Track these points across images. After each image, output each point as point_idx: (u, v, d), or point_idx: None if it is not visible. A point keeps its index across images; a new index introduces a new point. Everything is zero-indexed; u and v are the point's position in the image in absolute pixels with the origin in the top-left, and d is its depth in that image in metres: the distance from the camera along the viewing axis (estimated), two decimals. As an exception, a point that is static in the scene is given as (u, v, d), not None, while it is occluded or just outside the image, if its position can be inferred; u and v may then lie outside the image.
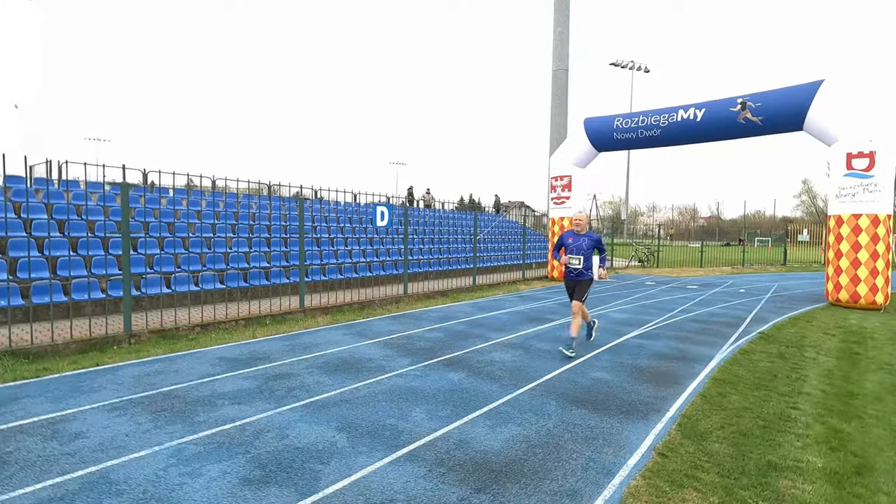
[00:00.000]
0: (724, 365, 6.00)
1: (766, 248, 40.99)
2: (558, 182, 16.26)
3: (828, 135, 11.49)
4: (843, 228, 11.15)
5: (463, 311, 9.74)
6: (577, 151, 15.91)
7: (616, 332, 7.89)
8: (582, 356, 6.31)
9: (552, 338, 7.37)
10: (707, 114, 13.09)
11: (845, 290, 11.10)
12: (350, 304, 9.83)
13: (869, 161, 10.80)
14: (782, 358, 6.42)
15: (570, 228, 6.52)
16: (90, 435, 3.69)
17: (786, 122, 12.10)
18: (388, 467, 3.28)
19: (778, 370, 5.83)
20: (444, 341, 7.09)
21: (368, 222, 16.73)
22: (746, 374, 5.65)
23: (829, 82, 11.45)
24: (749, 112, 12.42)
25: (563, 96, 31.58)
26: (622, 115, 14.88)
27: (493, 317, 9.14)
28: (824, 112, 11.39)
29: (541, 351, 6.56)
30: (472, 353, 6.39)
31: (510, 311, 9.79)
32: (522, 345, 6.90)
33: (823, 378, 5.53)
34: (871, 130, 10.82)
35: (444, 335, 7.51)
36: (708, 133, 13.28)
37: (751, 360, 6.28)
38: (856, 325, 8.97)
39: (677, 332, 7.98)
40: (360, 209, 17.74)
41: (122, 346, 6.54)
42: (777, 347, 6.99)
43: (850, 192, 11.05)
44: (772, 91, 12.30)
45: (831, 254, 11.47)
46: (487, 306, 10.46)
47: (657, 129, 14.01)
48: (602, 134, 15.28)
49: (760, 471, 3.32)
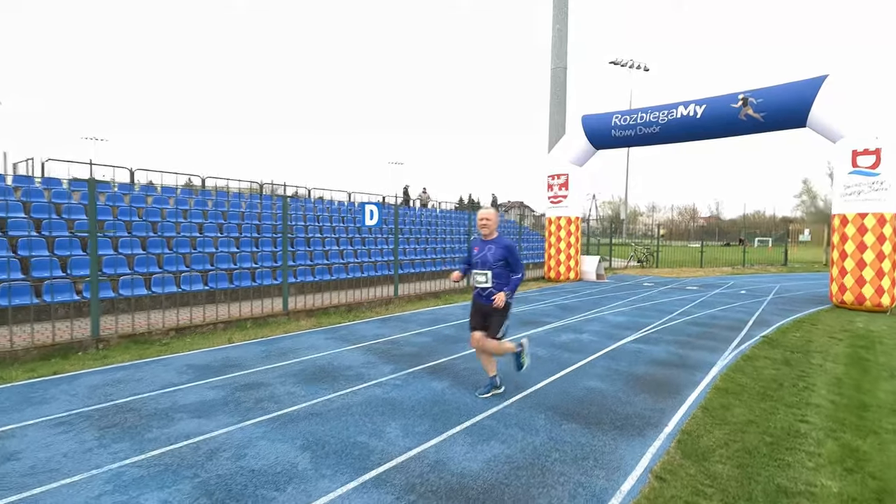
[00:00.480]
0: (727, 373, 5.64)
1: (767, 248, 40.65)
2: (555, 181, 15.90)
3: (832, 131, 11.14)
4: (849, 228, 10.79)
5: (454, 314, 9.37)
6: (575, 149, 15.55)
7: (613, 335, 7.53)
8: (576, 362, 5.95)
9: (546, 343, 7.01)
10: (707, 110, 12.73)
11: (850, 291, 10.74)
12: (337, 307, 9.47)
13: (875, 158, 10.44)
14: (788, 364, 6.06)
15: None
16: (24, 456, 3.32)
17: (789, 119, 11.75)
18: (351, 494, 2.92)
19: (784, 378, 5.47)
20: (431, 346, 6.73)
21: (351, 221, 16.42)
22: (750, 382, 5.29)
23: (833, 77, 11.09)
24: (751, 108, 12.07)
25: (562, 94, 31.24)
26: (621, 112, 14.52)
27: (485, 320, 8.79)
28: (828, 108, 11.04)
29: (532, 357, 6.20)
30: (458, 360, 6.03)
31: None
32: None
33: (833, 387, 5.17)
34: (877, 127, 10.46)
35: (431, 339, 7.15)
36: (708, 130, 12.92)
37: (754, 366, 5.92)
38: (863, 328, 8.61)
39: (677, 336, 7.62)
40: (354, 209, 17.43)
41: (89, 351, 6.17)
42: (782, 353, 6.63)
43: (856, 190, 10.69)
44: (774, 87, 11.94)
45: (836, 254, 11.12)
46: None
47: (656, 127, 13.65)
48: (600, 131, 14.92)
49: (769, 497, 2.96)
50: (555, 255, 16.01)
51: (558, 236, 15.90)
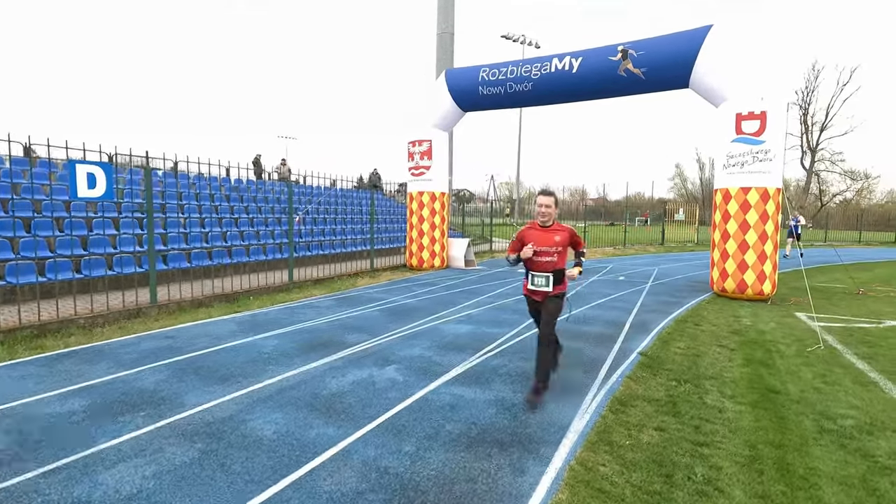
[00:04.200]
0: (583, 453, 3.21)
1: (646, 228, 42.34)
2: (416, 148, 13.09)
3: (714, 92, 9.54)
4: (731, 205, 9.32)
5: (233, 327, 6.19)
6: (439, 110, 12.85)
7: (431, 369, 4.87)
8: (320, 452, 3.15)
9: (306, 395, 4.15)
10: (584, 63, 10.65)
11: (731, 278, 9.34)
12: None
13: (760, 124, 8.97)
14: (676, 414, 3.83)
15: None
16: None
17: (670, 77, 10.00)
18: None
19: (672, 454, 3.17)
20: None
21: (238, 200, 13.33)
22: (619, 477, 2.88)
23: (718, 28, 9.44)
24: (630, 62, 10.15)
25: (449, 62, 28.59)
26: (489, 66, 12.03)
27: (254, 342, 5.72)
28: (712, 64, 9.39)
29: (241, 444, 3.30)
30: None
31: (292, 331, 6.44)
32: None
33: (749, 469, 2.93)
34: (763, 86, 8.99)
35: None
36: (585, 87, 10.87)
37: (627, 429, 3.58)
38: (751, 327, 6.97)
39: (528, 361, 5.19)
40: (240, 186, 14.39)
41: None
42: (665, 387, 4.45)
43: (739, 160, 9.20)
44: (657, 38, 10.12)
45: (717, 235, 9.66)
46: (275, 319, 7.00)
47: (528, 83, 11.35)
48: (467, 90, 12.35)
49: None
50: (416, 238, 13.30)
51: (420, 215, 13.19)
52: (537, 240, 4.10)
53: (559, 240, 4.10)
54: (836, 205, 51.18)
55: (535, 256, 4.10)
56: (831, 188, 51.84)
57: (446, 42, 28.49)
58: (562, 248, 4.15)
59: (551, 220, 4.17)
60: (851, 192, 52.29)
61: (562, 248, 4.16)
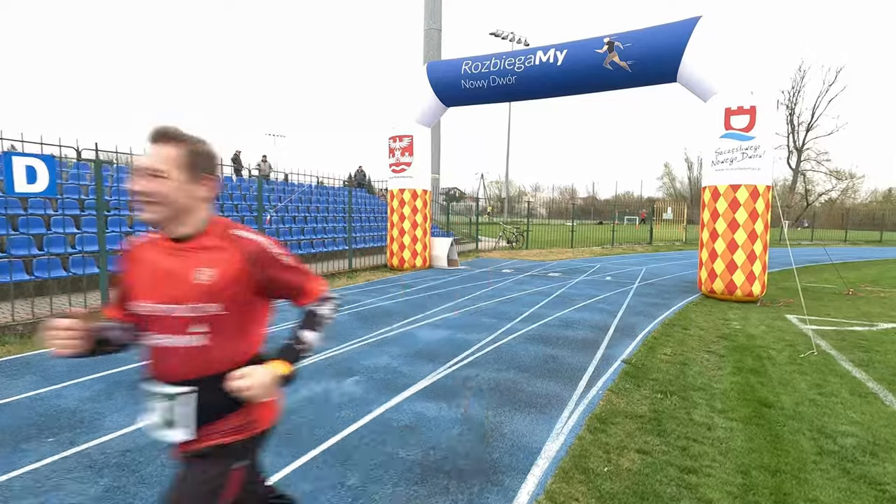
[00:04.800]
0: (554, 484, 2.80)
1: (634, 227, 42.28)
2: (397, 144, 12.64)
3: (703, 86, 9.22)
4: (720, 202, 9.00)
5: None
6: (420, 104, 12.41)
7: (396, 382, 4.44)
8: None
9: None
10: (569, 56, 10.27)
11: (720, 279, 9.02)
12: None
13: (749, 119, 8.66)
14: (661, 434, 3.44)
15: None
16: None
17: (658, 71, 9.67)
18: None
19: (656, 483, 2.78)
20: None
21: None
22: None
23: (707, 19, 9.11)
24: (617, 55, 9.79)
25: (436, 59, 28.22)
26: (472, 58, 11.61)
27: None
28: (700, 56, 9.06)
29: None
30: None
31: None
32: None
33: (742, 501, 2.55)
34: (753, 79, 8.67)
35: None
36: (571, 80, 10.50)
37: (606, 452, 3.18)
38: (741, 331, 6.63)
39: (502, 371, 4.79)
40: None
41: None
42: (649, 400, 4.07)
43: (729, 157, 8.88)
44: (644, 30, 9.77)
45: (706, 234, 9.34)
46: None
47: (512, 76, 10.95)
48: (449, 84, 11.92)
49: None
50: (397, 237, 12.84)
51: (401, 214, 12.73)
52: (148, 280, 1.49)
53: (212, 278, 1.41)
54: (822, 204, 51.58)
55: (144, 330, 1.53)
56: (817, 187, 52.23)
57: (433, 39, 28.06)
58: (224, 301, 1.43)
59: (191, 221, 1.46)
60: (837, 192, 52.76)
61: (225, 304, 1.43)
